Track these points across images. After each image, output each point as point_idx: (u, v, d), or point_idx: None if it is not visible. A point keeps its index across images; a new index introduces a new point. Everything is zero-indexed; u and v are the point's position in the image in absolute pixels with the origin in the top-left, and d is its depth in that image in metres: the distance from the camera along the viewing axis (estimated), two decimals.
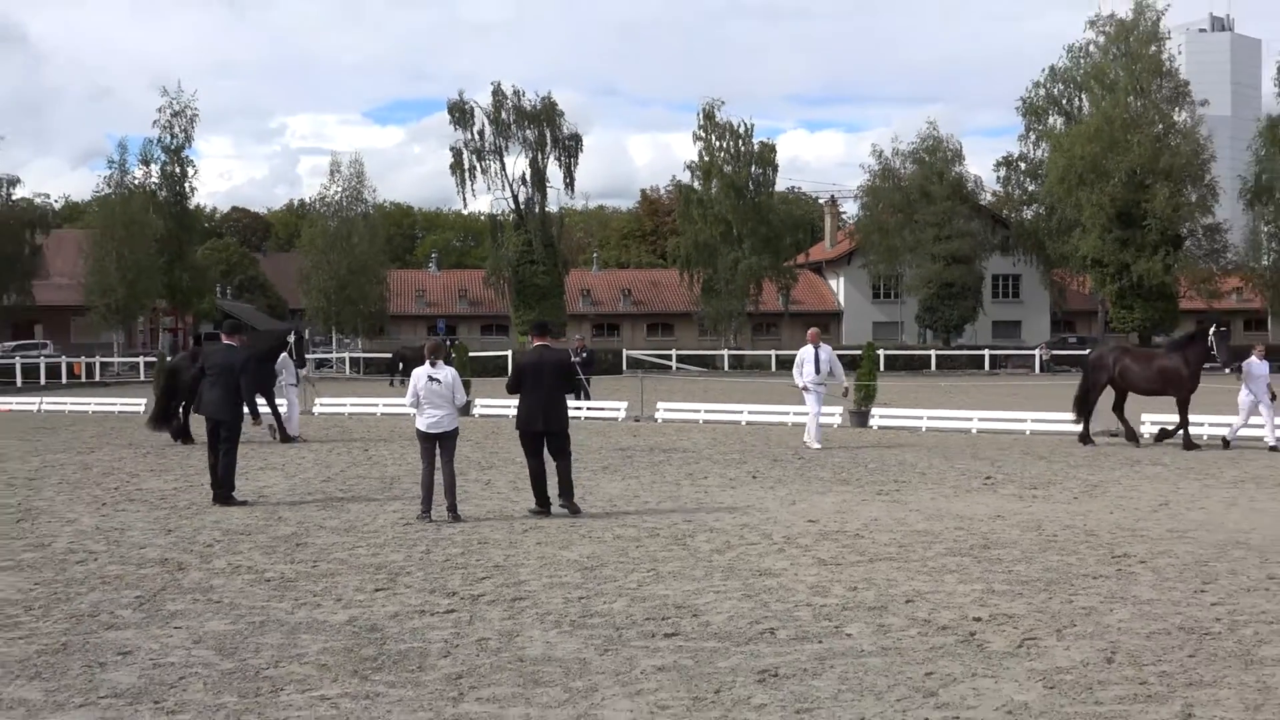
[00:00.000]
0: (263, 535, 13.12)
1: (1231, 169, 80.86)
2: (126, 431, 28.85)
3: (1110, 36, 74.28)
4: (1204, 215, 74.07)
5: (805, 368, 23.52)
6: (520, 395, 14.66)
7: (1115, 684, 7.37)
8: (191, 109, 76.08)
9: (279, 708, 6.99)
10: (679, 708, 6.93)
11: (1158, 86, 72.89)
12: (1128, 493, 16.34)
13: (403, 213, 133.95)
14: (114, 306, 71.45)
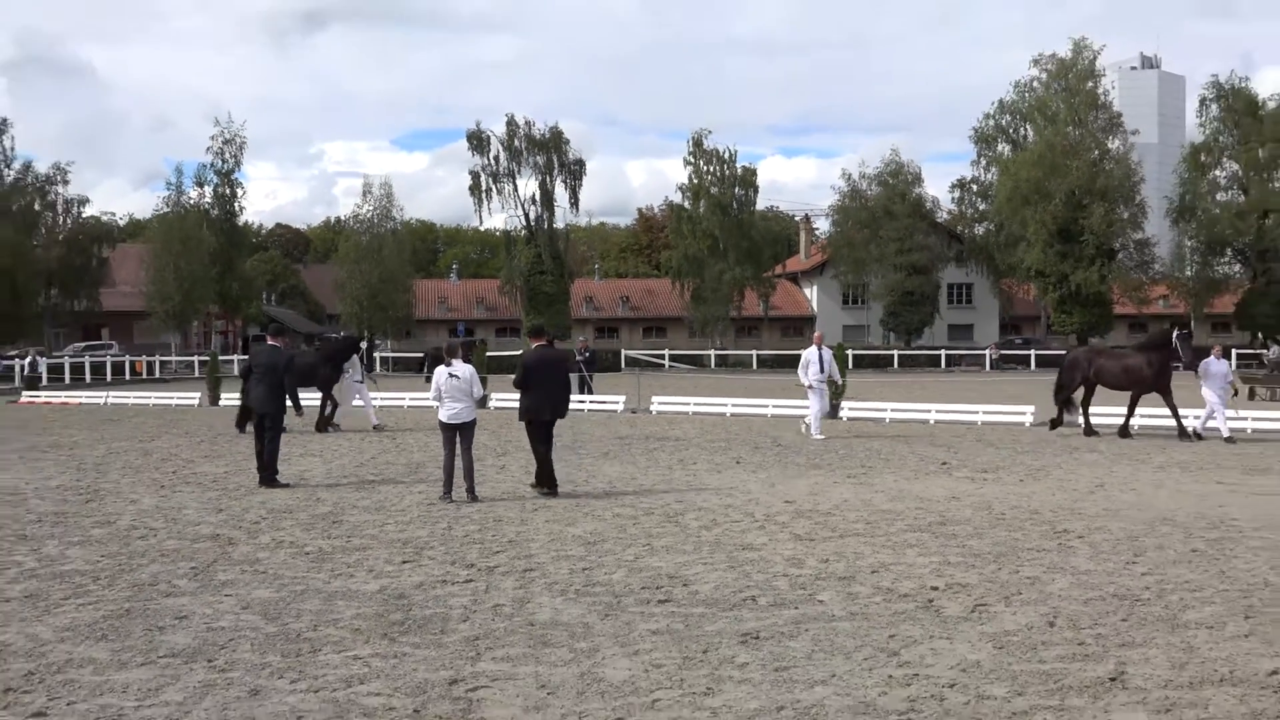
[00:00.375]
0: (303, 514, 13.11)
1: (1159, 190, 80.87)
2: (183, 422, 28.82)
3: (1052, 74, 74.25)
4: (1135, 231, 74.10)
5: (811, 368, 22.94)
6: (529, 389, 14.63)
7: (1056, 645, 7.37)
8: (240, 137, 76.05)
9: (317, 666, 6.98)
10: (671, 666, 6.92)
11: (1093, 118, 72.90)
12: (1067, 476, 16.34)
13: (427, 229, 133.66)
14: (172, 312, 71.63)
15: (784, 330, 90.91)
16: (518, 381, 14.73)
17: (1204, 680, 6.60)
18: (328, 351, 25.78)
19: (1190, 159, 74.40)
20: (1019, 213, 71.50)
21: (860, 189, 79.81)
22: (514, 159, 77.61)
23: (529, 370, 14.66)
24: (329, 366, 24.97)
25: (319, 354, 25.90)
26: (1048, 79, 74.48)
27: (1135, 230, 73.99)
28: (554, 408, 14.73)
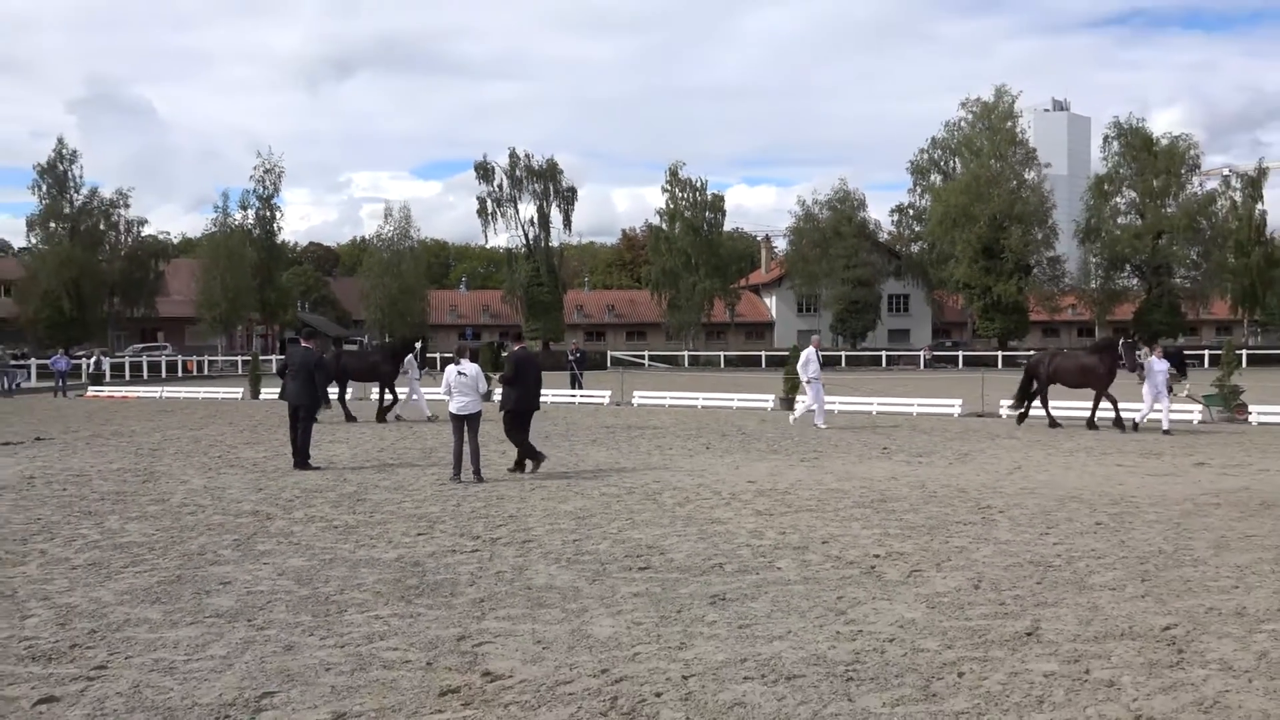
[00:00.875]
0: (332, 493, 13.02)
1: (1068, 215, 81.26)
2: (227, 413, 28.62)
3: (977, 114, 74.60)
4: (1047, 250, 74.55)
5: (811, 366, 22.32)
6: (515, 384, 14.61)
7: (981, 605, 7.37)
8: (279, 167, 75.95)
9: (343, 624, 6.92)
10: (649, 624, 6.89)
11: (1012, 153, 73.27)
12: (990, 460, 16.36)
13: (440, 246, 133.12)
14: (219, 318, 71.53)
15: (747, 334, 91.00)
16: (506, 377, 14.71)
17: (1107, 635, 6.60)
18: (389, 351, 25.69)
19: (1095, 188, 74.93)
20: (949, 234, 71.85)
21: (813, 213, 79.96)
22: (515, 186, 77.71)
23: (519, 367, 14.61)
24: (390, 364, 24.86)
25: (381, 353, 25.82)
26: (973, 119, 74.88)
27: (1048, 249, 74.47)
28: (532, 400, 14.81)
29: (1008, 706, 5.35)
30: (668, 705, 5.41)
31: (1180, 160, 72.27)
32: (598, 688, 5.66)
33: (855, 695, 5.51)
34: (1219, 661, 6.04)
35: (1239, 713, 5.25)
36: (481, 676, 5.85)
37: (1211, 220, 72.66)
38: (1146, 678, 5.77)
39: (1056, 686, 5.63)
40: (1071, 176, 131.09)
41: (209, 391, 38.85)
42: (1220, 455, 16.65)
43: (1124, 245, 72.22)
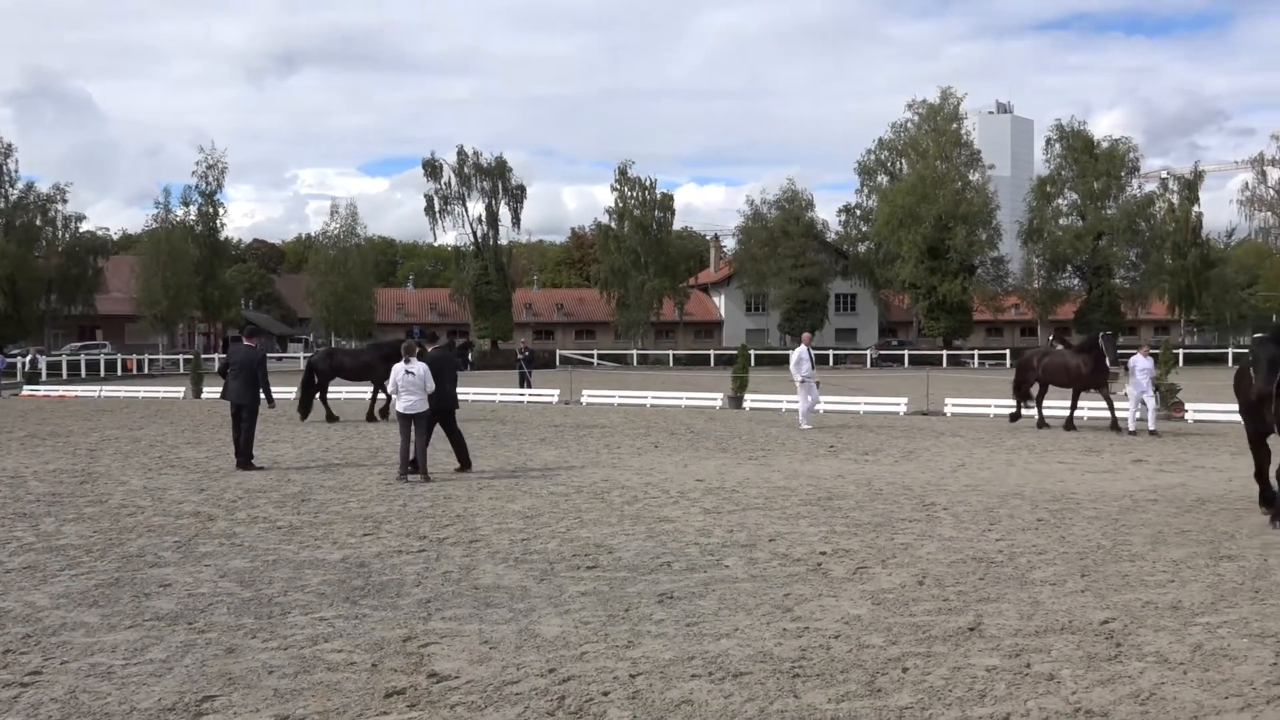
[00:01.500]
0: (275, 493, 12.86)
1: (1011, 216, 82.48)
2: (168, 413, 28.15)
3: (923, 116, 75.47)
4: (991, 250, 75.64)
5: (803, 365, 21.81)
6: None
7: (925, 600, 7.46)
8: (222, 163, 74.64)
9: (287, 626, 6.84)
10: (597, 623, 6.89)
11: (957, 154, 74.24)
12: (935, 457, 16.56)
13: (387, 244, 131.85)
14: (159, 316, 70.36)
15: (696, 333, 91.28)
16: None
17: (1048, 629, 6.71)
18: (384, 352, 25.36)
19: (1037, 190, 76.12)
20: (895, 234, 72.62)
21: (761, 213, 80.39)
22: (464, 184, 77.18)
23: (435, 367, 14.54)
24: (385, 364, 24.59)
25: (376, 353, 25.49)
26: (919, 121, 75.74)
27: (992, 249, 75.57)
28: (447, 399, 14.69)
29: (950, 701, 5.42)
30: (615, 704, 5.41)
31: (1120, 163, 73.67)
32: (545, 687, 5.65)
33: (801, 692, 5.55)
34: (1155, 654, 6.17)
35: (1174, 704, 5.36)
36: (427, 677, 5.81)
37: (1150, 222, 74.14)
38: (1085, 671, 5.87)
39: (998, 680, 5.72)
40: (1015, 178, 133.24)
41: (149, 391, 38.16)
42: (1157, 452, 17.00)
43: (1065, 246, 73.47)
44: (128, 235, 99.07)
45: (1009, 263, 77.67)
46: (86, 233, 74.09)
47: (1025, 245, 76.65)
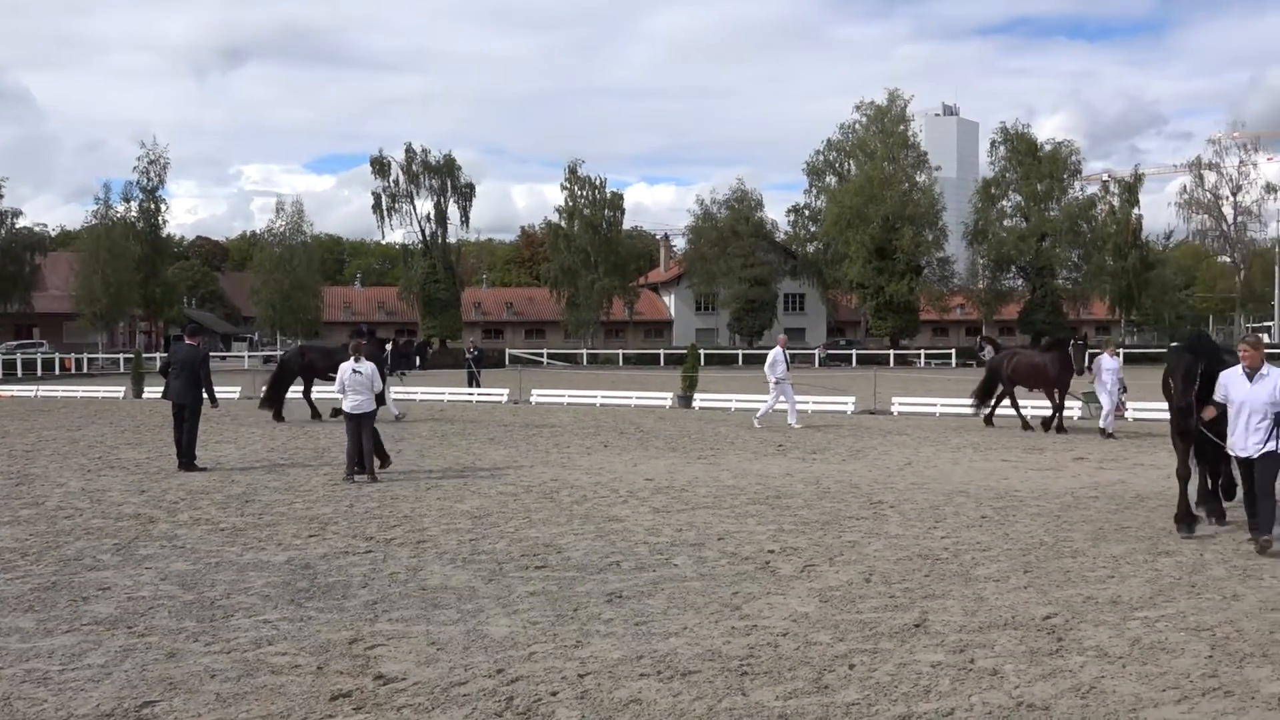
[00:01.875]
0: (219, 494, 12.66)
1: (957, 217, 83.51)
2: (108, 413, 27.61)
3: (871, 118, 76.18)
4: (937, 251, 76.55)
5: (778, 367, 21.59)
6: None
7: (872, 598, 7.53)
8: (164, 158, 73.42)
9: (230, 629, 6.74)
10: (546, 623, 6.87)
11: (904, 156, 75.03)
12: (881, 455, 16.73)
13: (334, 242, 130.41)
14: (98, 314, 69.04)
15: (646, 333, 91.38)
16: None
17: (991, 624, 6.81)
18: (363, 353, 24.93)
19: (982, 191, 77.24)
20: (843, 234, 73.24)
21: (711, 212, 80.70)
22: (412, 182, 76.61)
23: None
24: None
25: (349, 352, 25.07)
26: (867, 122, 76.45)
27: (938, 250, 76.48)
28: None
29: (896, 697, 5.48)
30: (563, 704, 5.40)
31: (1062, 165, 74.94)
32: (493, 688, 5.62)
33: (749, 689, 5.58)
34: (1095, 648, 6.28)
35: (1113, 697, 5.46)
36: (374, 679, 5.76)
37: (1091, 224, 75.49)
38: (1028, 665, 5.97)
39: (943, 676, 5.79)
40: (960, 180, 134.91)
41: (88, 390, 37.38)
42: (1098, 450, 17.32)
43: (1009, 247, 74.61)
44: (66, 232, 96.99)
45: (955, 263, 78.71)
46: (24, 229, 72.53)
47: (970, 246, 77.72)
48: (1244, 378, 9.19)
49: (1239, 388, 9.20)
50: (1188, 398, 9.70)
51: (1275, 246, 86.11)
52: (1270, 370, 9.17)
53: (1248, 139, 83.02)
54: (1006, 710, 5.28)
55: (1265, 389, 9.08)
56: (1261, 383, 9.12)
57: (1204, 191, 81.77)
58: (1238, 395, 9.19)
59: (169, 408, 15.80)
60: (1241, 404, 9.17)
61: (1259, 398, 9.06)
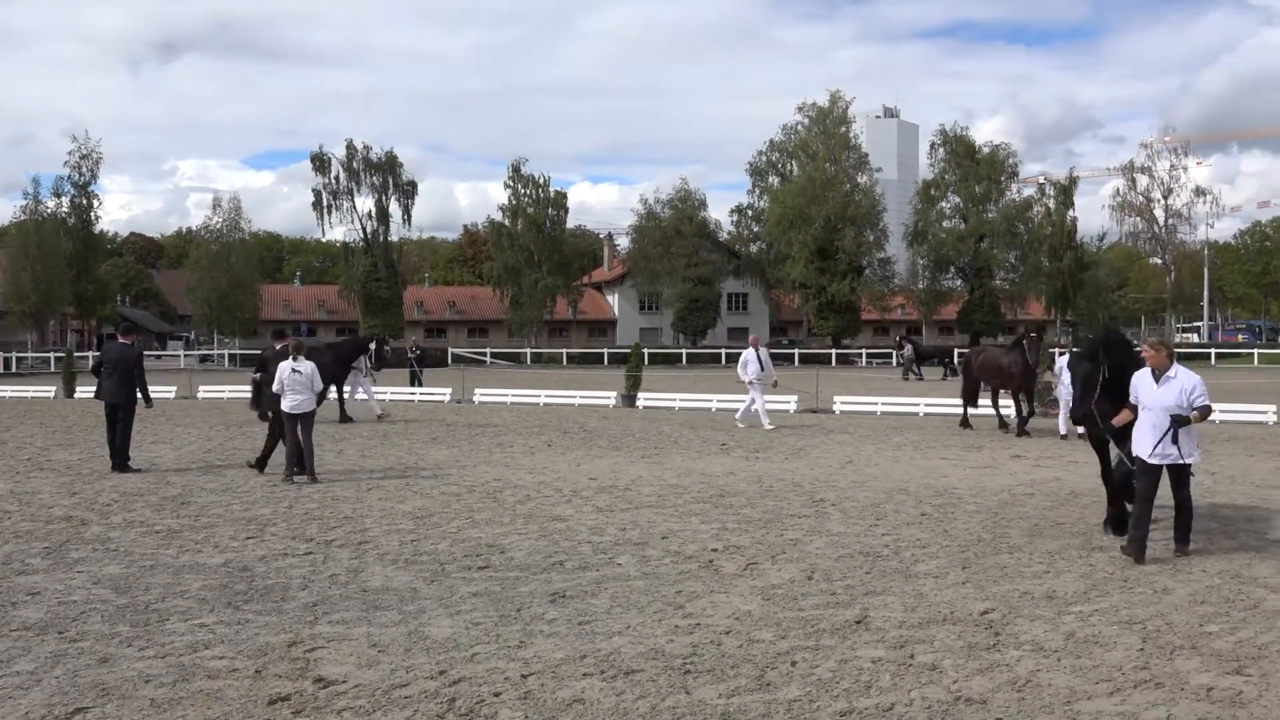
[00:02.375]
0: (153, 496, 12.42)
1: (897, 218, 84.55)
2: (38, 413, 26.94)
3: (813, 119, 76.81)
4: (878, 251, 77.46)
5: (750, 367, 21.26)
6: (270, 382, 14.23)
7: (814, 595, 7.59)
8: (97, 153, 71.74)
9: (165, 634, 6.61)
10: (488, 623, 6.84)
11: (846, 157, 75.78)
12: (823, 454, 16.87)
13: (273, 239, 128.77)
14: (28, 311, 67.38)
15: (590, 332, 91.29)
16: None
17: (931, 620, 6.91)
18: (339, 353, 24.51)
19: (922, 193, 78.30)
20: (786, 234, 73.78)
21: (655, 212, 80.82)
22: (353, 179, 75.93)
23: (267, 364, 14.21)
24: (339, 365, 23.79)
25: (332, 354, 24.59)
26: (809, 123, 77.07)
27: (879, 250, 77.41)
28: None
29: (838, 693, 5.54)
30: (506, 705, 5.38)
31: (1000, 168, 76.25)
32: (435, 690, 5.58)
33: (692, 688, 5.60)
34: (1031, 642, 6.40)
35: (1049, 690, 5.57)
36: (313, 683, 5.69)
37: (1028, 225, 76.87)
38: (966, 660, 6.06)
39: (883, 672, 5.86)
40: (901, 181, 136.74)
41: (17, 390, 36.41)
42: (1034, 448, 17.63)
43: (949, 248, 75.75)
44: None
45: (895, 264, 79.65)
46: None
47: (910, 247, 78.72)
48: (1152, 379, 8.77)
49: (1146, 390, 8.79)
50: (1085, 406, 9.28)
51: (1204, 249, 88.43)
52: (1179, 372, 8.73)
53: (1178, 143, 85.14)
54: (945, 704, 5.36)
55: (1171, 392, 8.63)
56: (1168, 385, 8.68)
57: (1136, 194, 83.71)
58: (1145, 398, 8.77)
59: (102, 408, 15.45)
60: (1148, 408, 8.75)
61: (1163, 401, 8.62)
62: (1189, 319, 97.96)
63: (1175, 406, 8.55)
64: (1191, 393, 8.62)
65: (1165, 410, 8.56)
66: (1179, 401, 8.57)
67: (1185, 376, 8.70)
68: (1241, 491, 12.57)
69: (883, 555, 8.92)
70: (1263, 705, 5.34)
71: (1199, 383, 8.68)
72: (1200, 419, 8.66)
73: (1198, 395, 8.62)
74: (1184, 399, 8.59)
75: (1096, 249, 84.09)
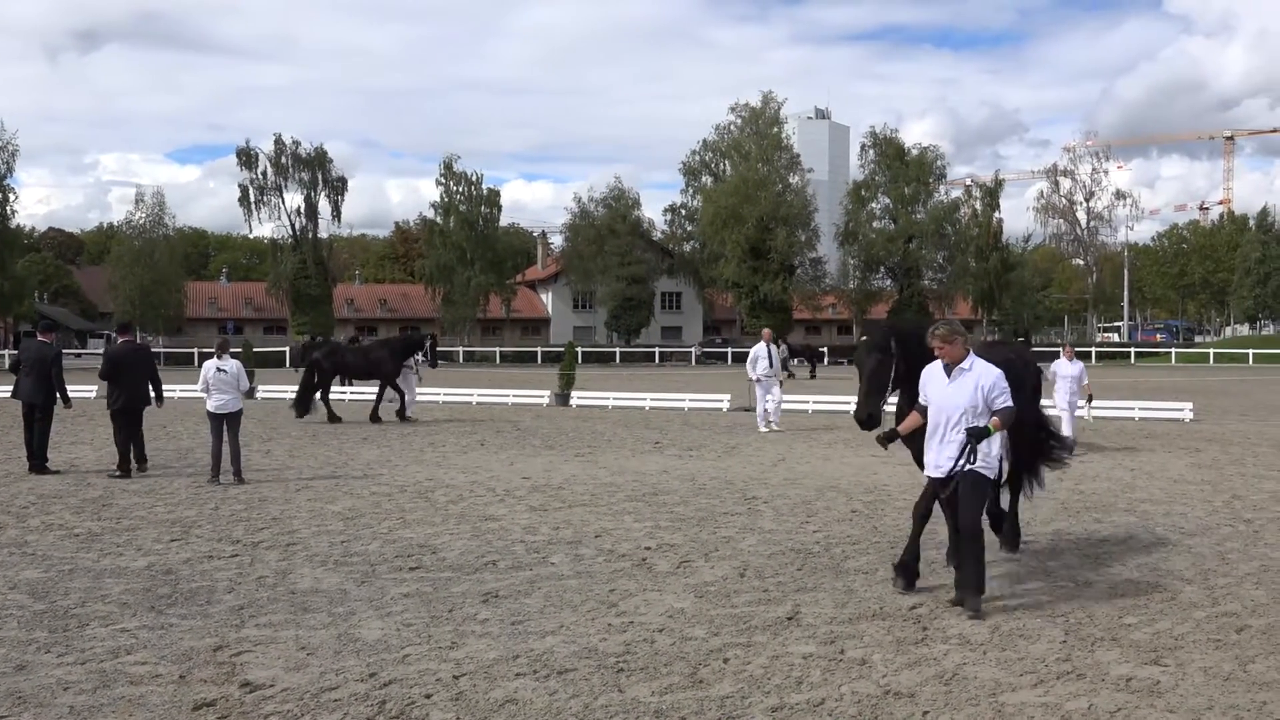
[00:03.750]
0: (73, 498, 12.09)
1: (828, 219, 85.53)
2: None
3: (745, 119, 77.45)
4: (810, 251, 78.36)
5: (759, 363, 20.31)
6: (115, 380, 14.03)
7: (746, 592, 7.65)
8: (13, 145, 69.50)
9: (84, 639, 6.44)
10: (420, 624, 6.78)
11: (778, 157, 76.55)
12: (756, 452, 16.99)
13: (199, 235, 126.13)
14: None
15: (523, 330, 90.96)
16: (103, 374, 14.14)
17: (861, 616, 6.99)
18: (394, 349, 23.84)
19: (853, 194, 79.34)
20: (719, 234, 74.27)
21: (589, 210, 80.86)
22: (281, 174, 74.79)
23: (114, 363, 14.00)
24: (395, 363, 23.17)
25: (388, 350, 23.91)
26: (742, 124, 77.70)
27: (810, 250, 78.29)
28: (137, 398, 14.12)
29: (769, 689, 5.58)
30: (438, 706, 5.33)
31: (929, 170, 77.61)
32: (365, 692, 5.52)
33: (625, 686, 5.60)
34: (958, 636, 6.51)
35: (974, 683, 5.67)
36: (240, 687, 5.59)
37: (955, 227, 78.33)
38: (895, 654, 6.15)
39: (814, 667, 5.92)
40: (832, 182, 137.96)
41: None
42: None
43: (879, 248, 76.88)
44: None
45: (826, 263, 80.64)
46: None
47: (841, 247, 79.74)
48: (943, 374, 7.15)
49: (936, 387, 7.18)
50: (871, 406, 7.67)
51: (1124, 251, 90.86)
52: (974, 363, 7.09)
53: (1100, 147, 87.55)
54: (874, 698, 5.43)
55: (965, 389, 7.00)
56: (961, 380, 7.04)
57: (1059, 197, 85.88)
58: (934, 396, 7.18)
59: (19, 408, 14.98)
60: (938, 408, 7.14)
61: (955, 400, 7.02)
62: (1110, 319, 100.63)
63: (969, 408, 6.97)
64: (990, 390, 6.96)
65: (960, 410, 7.00)
66: (973, 401, 6.97)
67: (983, 370, 7.05)
68: (1159, 487, 12.92)
69: (814, 552, 9.01)
70: (1179, 694, 5.50)
71: (999, 378, 7.02)
72: (1000, 426, 6.97)
73: (997, 394, 6.96)
74: (979, 398, 6.97)
75: (1021, 250, 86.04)
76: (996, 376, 7.02)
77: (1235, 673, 5.83)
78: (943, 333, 7.11)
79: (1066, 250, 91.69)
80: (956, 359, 7.08)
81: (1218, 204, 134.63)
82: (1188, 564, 8.54)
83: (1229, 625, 6.74)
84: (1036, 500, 11.73)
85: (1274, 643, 6.36)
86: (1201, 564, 8.53)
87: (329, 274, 77.62)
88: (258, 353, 41.87)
